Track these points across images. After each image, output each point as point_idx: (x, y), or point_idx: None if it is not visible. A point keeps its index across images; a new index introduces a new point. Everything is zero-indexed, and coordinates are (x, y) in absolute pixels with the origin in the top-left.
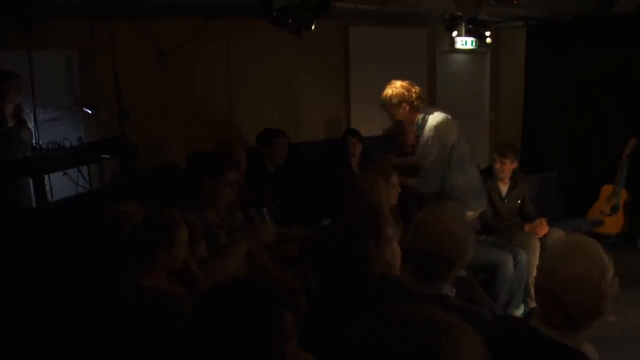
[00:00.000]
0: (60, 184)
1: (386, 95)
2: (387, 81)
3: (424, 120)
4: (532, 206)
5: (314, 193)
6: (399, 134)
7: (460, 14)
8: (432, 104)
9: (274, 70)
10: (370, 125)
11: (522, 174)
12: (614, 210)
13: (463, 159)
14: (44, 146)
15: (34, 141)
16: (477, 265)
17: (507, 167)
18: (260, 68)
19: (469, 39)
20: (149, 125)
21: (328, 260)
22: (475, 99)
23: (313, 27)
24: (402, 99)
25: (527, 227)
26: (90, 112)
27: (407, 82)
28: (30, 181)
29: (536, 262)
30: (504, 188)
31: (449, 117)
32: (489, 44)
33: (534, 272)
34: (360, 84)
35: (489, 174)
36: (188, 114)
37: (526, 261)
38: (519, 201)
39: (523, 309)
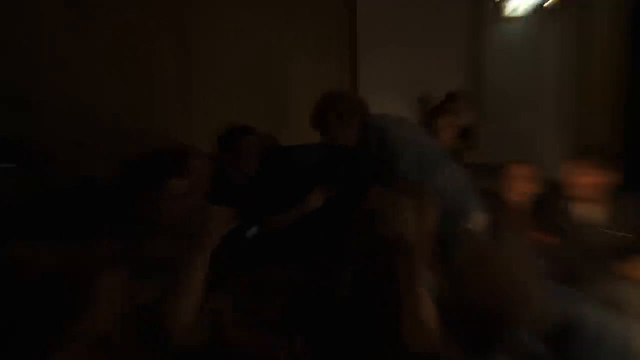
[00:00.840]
0: None
1: None
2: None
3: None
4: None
5: (305, 218)
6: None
7: None
8: (478, 98)
9: (254, 47)
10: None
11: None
12: None
13: None
14: None
15: None
16: (545, 326)
17: (589, 180)
18: (231, 42)
19: (524, 2)
20: (64, 122)
21: (327, 323)
22: (536, 84)
23: None
24: None
25: (621, 268)
26: None
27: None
28: None
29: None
30: (591, 211)
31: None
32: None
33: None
34: (371, 69)
35: (557, 191)
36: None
37: (622, 326)
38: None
39: None
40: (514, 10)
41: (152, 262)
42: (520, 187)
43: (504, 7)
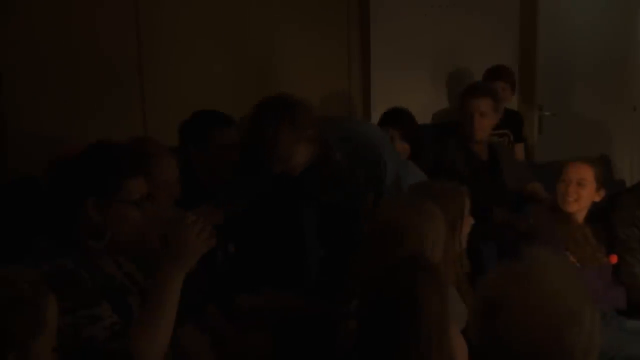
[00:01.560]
0: None
1: None
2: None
3: None
4: None
5: (301, 233)
6: (462, 122)
7: None
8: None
9: (235, 13)
10: (406, 106)
11: None
12: None
13: None
14: None
15: None
16: None
17: None
18: (205, 7)
19: None
20: None
21: None
22: (603, 61)
23: None
24: None
25: None
26: None
27: None
28: None
29: None
30: None
31: None
32: None
33: None
34: (387, 44)
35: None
36: (61, 86)
37: None
38: None
39: None
40: None
41: (100, 286)
42: (578, 193)
43: None
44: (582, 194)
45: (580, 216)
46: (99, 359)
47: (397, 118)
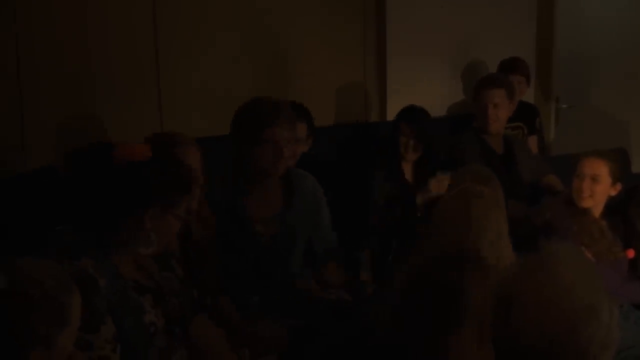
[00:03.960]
0: None
1: None
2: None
3: None
4: None
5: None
6: (477, 114)
7: None
8: (545, 69)
9: (251, 5)
10: (422, 98)
11: None
12: None
13: None
14: None
15: None
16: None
17: None
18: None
19: None
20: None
21: None
22: (623, 52)
23: None
24: None
25: None
26: None
27: None
28: None
29: None
30: None
31: None
32: None
33: None
34: (402, 36)
35: None
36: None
37: None
38: None
39: None
40: None
41: (114, 294)
42: (593, 188)
43: None
44: (597, 189)
45: (596, 211)
46: None
47: (411, 116)
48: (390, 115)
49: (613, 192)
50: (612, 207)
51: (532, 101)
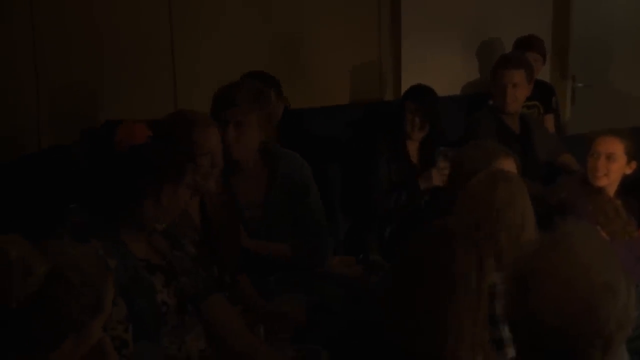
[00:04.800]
0: None
1: None
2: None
3: None
4: None
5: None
6: (494, 94)
7: None
8: (561, 47)
9: None
10: (437, 77)
11: None
12: None
13: None
14: None
15: None
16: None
17: None
18: None
19: None
20: None
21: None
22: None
23: None
24: None
25: None
26: None
27: None
28: None
29: None
30: None
31: None
32: None
33: None
34: (417, 13)
35: None
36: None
37: None
38: None
39: None
40: None
41: (124, 274)
42: (608, 167)
43: None
44: (612, 168)
45: (611, 190)
46: None
47: (417, 93)
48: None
49: (628, 171)
50: (627, 186)
51: (547, 80)
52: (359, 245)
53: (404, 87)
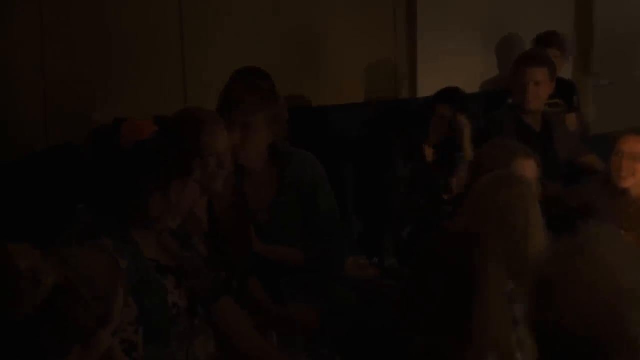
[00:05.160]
0: None
1: None
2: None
3: None
4: None
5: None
6: (515, 92)
7: None
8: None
9: None
10: (454, 74)
11: None
12: None
13: None
14: None
15: None
16: None
17: None
18: None
19: None
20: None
21: None
22: None
23: None
24: None
25: None
26: None
27: None
28: None
29: None
30: None
31: None
32: None
33: None
34: (434, 8)
35: None
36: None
37: None
38: None
39: None
40: None
41: (134, 274)
42: (634, 167)
43: None
44: (638, 168)
45: (636, 191)
46: None
47: (451, 96)
48: (421, 92)
49: None
50: None
51: (569, 77)
52: (373, 246)
53: (420, 85)
